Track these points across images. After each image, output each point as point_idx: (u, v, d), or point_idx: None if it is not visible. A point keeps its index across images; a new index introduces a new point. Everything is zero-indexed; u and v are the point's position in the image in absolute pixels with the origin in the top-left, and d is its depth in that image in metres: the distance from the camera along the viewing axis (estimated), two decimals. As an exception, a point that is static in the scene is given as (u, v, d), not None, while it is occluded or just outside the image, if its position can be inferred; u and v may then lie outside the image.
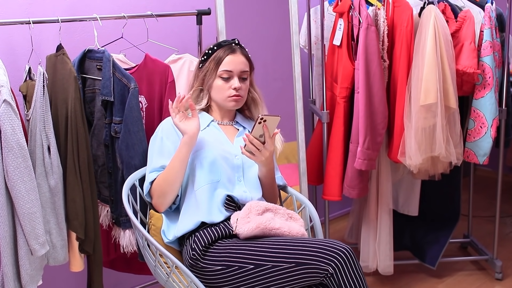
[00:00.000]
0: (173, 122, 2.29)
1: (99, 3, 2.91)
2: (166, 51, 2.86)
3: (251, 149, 2.25)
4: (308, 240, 2.12)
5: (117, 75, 2.54)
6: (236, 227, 2.20)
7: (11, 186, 2.21)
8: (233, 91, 2.38)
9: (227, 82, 2.38)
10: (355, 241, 3.47)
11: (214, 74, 2.38)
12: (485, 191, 4.29)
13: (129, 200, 2.32)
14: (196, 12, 2.89)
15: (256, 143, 2.24)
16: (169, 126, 2.38)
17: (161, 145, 2.36)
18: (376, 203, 3.19)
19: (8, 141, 2.18)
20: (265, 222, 2.17)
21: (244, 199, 2.31)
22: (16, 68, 2.62)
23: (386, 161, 3.14)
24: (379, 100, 2.91)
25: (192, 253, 2.19)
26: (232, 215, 2.26)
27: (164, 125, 2.41)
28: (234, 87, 2.37)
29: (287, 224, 2.23)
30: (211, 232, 2.22)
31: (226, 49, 2.40)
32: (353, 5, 2.95)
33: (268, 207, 2.25)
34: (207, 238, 2.20)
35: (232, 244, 2.16)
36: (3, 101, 2.17)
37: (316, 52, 3.36)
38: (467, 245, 3.82)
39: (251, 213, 2.20)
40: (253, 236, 2.17)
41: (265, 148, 2.27)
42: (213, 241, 2.20)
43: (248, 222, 2.17)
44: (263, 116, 2.20)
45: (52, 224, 2.42)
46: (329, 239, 2.11)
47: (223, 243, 2.19)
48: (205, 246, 2.18)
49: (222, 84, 2.38)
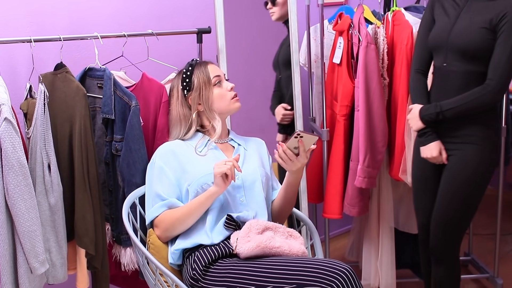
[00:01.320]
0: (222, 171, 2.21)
1: (99, 21, 2.92)
2: (166, 69, 2.86)
3: (282, 157, 2.30)
4: (309, 260, 2.11)
5: (118, 93, 2.54)
6: (236, 246, 2.19)
7: (11, 204, 2.21)
8: (232, 92, 2.43)
9: (221, 88, 2.42)
10: (356, 259, 3.45)
11: (209, 85, 2.40)
12: (485, 209, 4.26)
13: (129, 218, 2.32)
14: (196, 30, 2.91)
15: (288, 153, 2.28)
16: (167, 153, 2.37)
17: (159, 174, 2.35)
18: (377, 221, 3.19)
19: (8, 159, 2.18)
20: (265, 241, 2.16)
21: (245, 217, 2.30)
22: (17, 86, 2.62)
23: (386, 179, 3.14)
24: (379, 118, 2.91)
25: (193, 273, 2.18)
26: (232, 235, 2.25)
27: (162, 151, 2.39)
28: (230, 87, 2.43)
29: (287, 243, 2.23)
30: (211, 251, 2.21)
31: (200, 64, 2.46)
32: (352, 24, 2.97)
33: (268, 226, 2.25)
34: (207, 257, 2.18)
35: (233, 264, 2.15)
36: (4, 119, 2.17)
37: (316, 70, 3.37)
38: (468, 263, 3.81)
39: (251, 232, 2.19)
40: (254, 255, 2.16)
41: (298, 160, 2.30)
42: (213, 261, 2.19)
43: (248, 241, 2.16)
44: (300, 132, 2.24)
45: (52, 242, 2.41)
46: (330, 259, 2.10)
47: (224, 263, 2.18)
48: (205, 265, 2.17)
49: (220, 91, 2.41)
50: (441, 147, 2.59)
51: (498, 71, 2.44)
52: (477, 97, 2.46)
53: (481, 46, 2.46)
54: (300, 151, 2.29)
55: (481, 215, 4.17)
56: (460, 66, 2.52)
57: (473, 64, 2.49)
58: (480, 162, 2.54)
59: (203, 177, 2.30)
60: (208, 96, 2.40)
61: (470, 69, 2.50)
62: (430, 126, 2.59)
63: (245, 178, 2.36)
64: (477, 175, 2.56)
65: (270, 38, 3.19)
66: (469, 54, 2.49)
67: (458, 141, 2.56)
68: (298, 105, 3.03)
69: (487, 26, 2.45)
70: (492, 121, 2.57)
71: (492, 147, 2.57)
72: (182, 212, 2.28)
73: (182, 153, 2.37)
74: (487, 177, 2.61)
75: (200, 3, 3.22)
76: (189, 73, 2.43)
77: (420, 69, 2.69)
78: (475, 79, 2.49)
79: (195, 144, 2.40)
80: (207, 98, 2.40)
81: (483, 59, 2.47)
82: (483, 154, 2.54)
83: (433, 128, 2.59)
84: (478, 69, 2.49)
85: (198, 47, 2.92)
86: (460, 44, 2.50)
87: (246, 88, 2.46)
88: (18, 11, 2.70)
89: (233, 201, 2.33)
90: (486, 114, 2.53)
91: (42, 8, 2.76)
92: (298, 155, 2.30)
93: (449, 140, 2.58)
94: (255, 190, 2.38)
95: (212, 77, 2.41)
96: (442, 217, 2.64)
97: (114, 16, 2.97)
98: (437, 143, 2.58)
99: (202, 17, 3.17)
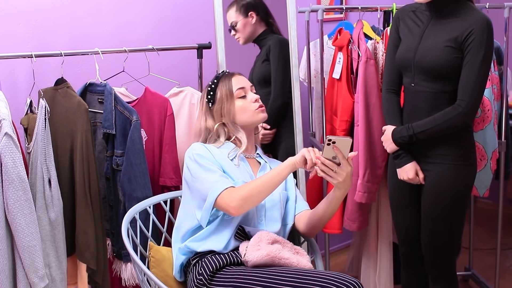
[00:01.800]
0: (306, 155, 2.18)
1: (100, 37, 2.94)
2: (167, 84, 2.88)
3: (324, 169, 2.18)
4: (318, 272, 2.11)
5: (119, 108, 2.55)
6: (245, 254, 2.18)
7: (11, 219, 2.21)
8: (256, 104, 2.39)
9: (245, 99, 2.39)
10: (356, 274, 3.44)
11: (231, 98, 2.38)
12: (485, 224, 4.27)
13: (129, 234, 2.31)
14: (196, 46, 2.92)
15: (328, 163, 2.17)
16: (203, 149, 2.32)
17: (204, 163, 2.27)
18: (376, 236, 3.18)
19: (9, 173, 2.19)
20: (275, 251, 2.16)
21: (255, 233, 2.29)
22: (18, 101, 2.63)
23: (385, 193, 3.13)
24: (378, 133, 2.92)
25: (199, 278, 2.17)
26: (241, 244, 2.24)
27: (198, 148, 2.32)
28: (255, 99, 2.39)
29: (296, 257, 2.23)
30: (219, 258, 2.20)
31: (226, 76, 2.42)
32: (352, 39, 2.98)
33: (277, 239, 2.25)
34: (215, 264, 2.18)
35: (241, 271, 2.15)
36: (5, 134, 2.18)
37: (316, 85, 3.38)
38: (468, 278, 3.80)
39: (261, 241, 2.19)
40: (262, 263, 2.16)
41: (341, 169, 2.18)
42: (221, 267, 2.19)
43: (258, 250, 2.16)
44: (330, 137, 2.14)
45: (52, 257, 2.41)
46: (337, 272, 2.10)
47: (231, 270, 2.17)
48: (212, 272, 2.17)
49: (243, 103, 2.38)
50: (417, 168, 2.55)
51: (467, 92, 2.40)
52: (448, 118, 2.43)
53: (447, 65, 2.42)
54: (339, 158, 2.16)
55: (481, 230, 4.18)
56: (428, 86, 2.48)
57: (441, 83, 2.46)
58: (456, 180, 2.51)
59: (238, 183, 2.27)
60: (230, 109, 2.38)
61: (438, 89, 2.46)
62: (404, 148, 2.56)
63: (268, 198, 2.34)
64: (455, 192, 2.53)
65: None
66: (436, 73, 2.45)
67: (433, 161, 2.53)
68: (298, 120, 3.04)
69: (452, 44, 2.41)
70: (465, 140, 2.54)
71: (467, 163, 2.54)
72: (259, 182, 2.21)
73: (217, 154, 2.33)
74: (467, 192, 2.59)
75: (200, 18, 3.24)
76: (214, 86, 2.41)
77: (391, 88, 2.66)
78: (444, 99, 2.46)
79: (227, 152, 2.37)
80: (229, 111, 2.38)
81: (451, 78, 2.43)
82: (459, 172, 2.51)
83: (407, 150, 2.56)
84: (446, 88, 2.45)
85: (199, 62, 2.93)
86: (426, 64, 2.46)
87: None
88: (20, 26, 2.72)
89: (253, 219, 2.32)
90: (459, 132, 2.50)
91: (43, 23, 2.78)
92: (339, 164, 2.18)
93: (424, 160, 2.55)
94: (274, 213, 2.37)
95: (236, 90, 2.38)
96: (430, 238, 2.62)
97: (115, 31, 2.99)
98: (412, 164, 2.55)
99: (202, 32, 3.19)
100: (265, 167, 2.44)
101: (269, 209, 2.36)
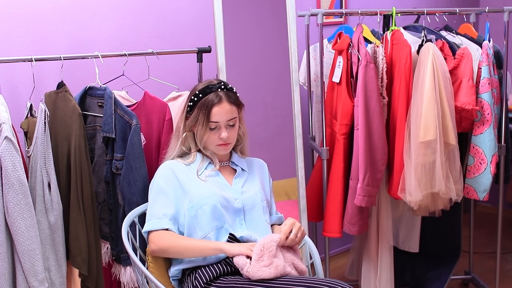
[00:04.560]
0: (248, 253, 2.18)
1: (100, 40, 2.94)
2: (166, 88, 2.88)
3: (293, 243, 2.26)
4: (310, 279, 2.11)
5: (118, 112, 2.55)
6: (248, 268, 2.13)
7: (11, 222, 2.21)
8: (220, 141, 2.36)
9: (215, 132, 2.36)
10: (356, 278, 3.44)
11: (205, 127, 2.35)
12: (485, 227, 4.27)
13: (128, 237, 2.31)
14: (196, 50, 2.92)
15: (290, 239, 2.24)
16: (168, 172, 2.37)
17: (159, 191, 2.34)
18: (376, 239, 3.18)
19: (8, 177, 2.19)
20: (282, 269, 2.14)
21: (248, 238, 2.28)
22: (18, 105, 2.63)
23: (386, 197, 3.14)
24: (378, 136, 2.92)
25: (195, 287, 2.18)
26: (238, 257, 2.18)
27: (163, 170, 2.39)
28: (221, 137, 2.36)
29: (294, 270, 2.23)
30: (213, 269, 2.20)
31: (212, 98, 2.34)
32: (352, 43, 2.98)
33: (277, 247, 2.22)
34: (209, 274, 2.18)
35: (237, 281, 2.14)
36: (5, 137, 2.18)
37: (316, 89, 3.38)
38: (468, 282, 3.79)
39: (264, 255, 2.15)
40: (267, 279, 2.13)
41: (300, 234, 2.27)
42: (215, 278, 2.18)
43: (264, 266, 2.12)
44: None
45: (52, 261, 2.41)
46: (330, 279, 2.10)
47: (226, 280, 2.17)
48: (207, 282, 2.16)
49: (211, 135, 2.36)
50: None
51: None
52: None
53: None
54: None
55: (481, 234, 4.18)
56: None
57: None
58: None
59: (202, 199, 2.30)
60: (200, 133, 2.36)
61: None
62: None
63: (246, 202, 2.36)
64: None
65: (270, 57, 3.20)
66: None
67: None
68: (297, 124, 3.04)
69: None
70: None
71: None
72: (185, 244, 2.27)
73: (183, 173, 2.36)
74: None
75: (200, 22, 3.24)
76: (197, 99, 2.36)
77: None
78: None
79: (196, 167, 2.39)
80: (199, 134, 2.37)
81: None
82: None
83: None
84: None
85: (198, 66, 2.93)
86: None
87: (245, 106, 2.46)
88: (20, 30, 2.72)
89: (232, 224, 2.32)
90: None
91: (44, 27, 2.78)
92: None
93: None
94: (254, 214, 2.37)
95: (210, 121, 2.33)
96: None
97: (115, 35, 2.99)
98: None
99: (202, 36, 3.19)
100: (241, 174, 2.45)
101: (248, 212, 2.37)
